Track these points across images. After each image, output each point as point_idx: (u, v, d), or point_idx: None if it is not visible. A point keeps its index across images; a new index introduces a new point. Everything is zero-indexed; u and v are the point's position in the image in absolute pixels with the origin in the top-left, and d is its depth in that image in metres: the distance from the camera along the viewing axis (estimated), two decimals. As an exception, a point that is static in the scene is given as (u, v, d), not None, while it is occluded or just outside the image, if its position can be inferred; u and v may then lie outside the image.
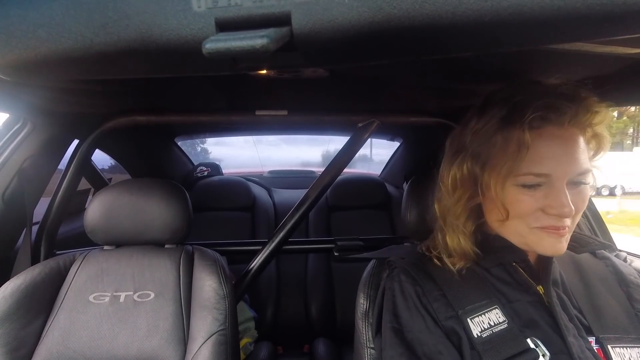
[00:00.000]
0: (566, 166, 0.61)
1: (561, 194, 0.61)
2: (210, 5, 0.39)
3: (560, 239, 0.64)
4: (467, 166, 0.69)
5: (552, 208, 0.61)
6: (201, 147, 4.16)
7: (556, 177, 0.61)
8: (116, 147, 1.92)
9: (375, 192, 2.23)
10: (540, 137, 0.62)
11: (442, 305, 0.68)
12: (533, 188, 0.63)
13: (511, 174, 0.63)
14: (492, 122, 0.66)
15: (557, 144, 0.62)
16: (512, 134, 0.63)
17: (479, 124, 0.68)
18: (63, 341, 0.93)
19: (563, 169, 0.61)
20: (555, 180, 0.62)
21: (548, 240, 0.64)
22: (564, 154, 0.62)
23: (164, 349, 0.93)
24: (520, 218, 0.65)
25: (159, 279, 1.01)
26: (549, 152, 0.61)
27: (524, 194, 0.63)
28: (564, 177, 0.62)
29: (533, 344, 0.62)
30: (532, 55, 0.73)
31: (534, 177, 0.62)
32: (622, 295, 0.71)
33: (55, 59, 0.46)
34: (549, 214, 0.62)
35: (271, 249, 1.33)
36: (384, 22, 0.38)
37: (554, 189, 0.62)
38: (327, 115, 1.32)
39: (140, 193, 1.05)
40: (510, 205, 0.65)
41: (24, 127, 1.13)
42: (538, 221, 0.64)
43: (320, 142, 3.60)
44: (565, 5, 0.35)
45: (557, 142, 0.62)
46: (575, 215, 0.64)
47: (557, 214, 0.61)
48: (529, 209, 0.63)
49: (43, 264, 1.01)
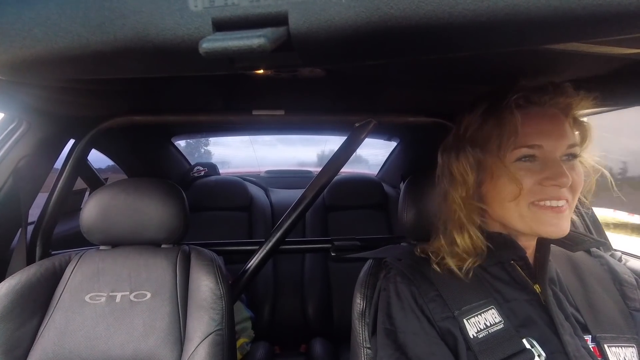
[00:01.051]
0: (556, 139, 0.65)
1: (556, 164, 0.64)
2: (207, 4, 0.39)
3: (560, 217, 0.64)
4: (469, 155, 0.72)
5: (550, 179, 0.64)
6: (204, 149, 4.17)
7: (548, 149, 0.65)
8: (112, 146, 1.92)
9: (372, 192, 2.24)
10: (527, 115, 0.66)
11: (438, 306, 0.68)
12: (529, 161, 0.66)
13: (507, 150, 0.66)
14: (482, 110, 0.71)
15: (544, 121, 0.67)
16: (502, 115, 0.67)
17: (471, 116, 0.73)
18: (59, 341, 0.92)
19: (553, 141, 0.65)
20: (549, 152, 0.65)
21: (549, 219, 0.65)
22: (551, 128, 0.66)
23: (161, 349, 0.93)
24: (522, 196, 0.66)
25: (155, 279, 1.01)
26: (538, 127, 0.66)
27: (522, 169, 0.66)
28: (556, 150, 0.65)
29: (529, 344, 0.63)
30: (528, 56, 0.73)
31: (527, 148, 0.66)
32: (617, 294, 0.72)
33: (51, 58, 0.46)
34: (547, 186, 0.64)
35: (268, 249, 1.33)
36: (380, 22, 0.38)
37: (549, 160, 0.65)
38: (324, 115, 1.32)
39: (136, 193, 1.04)
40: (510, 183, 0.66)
41: (19, 127, 1.12)
42: (537, 195, 0.65)
43: (317, 142, 3.60)
44: (561, 6, 0.35)
45: (544, 118, 0.67)
46: (574, 193, 0.66)
47: (555, 184, 0.63)
48: (529, 183, 0.65)
49: (38, 264, 1.01)
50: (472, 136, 0.72)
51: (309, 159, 3.75)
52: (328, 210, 2.21)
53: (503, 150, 0.67)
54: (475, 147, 0.71)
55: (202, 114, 1.29)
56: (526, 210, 0.66)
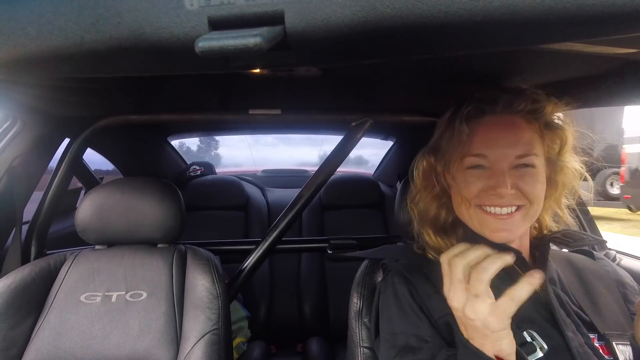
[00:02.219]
0: (501, 148, 0.67)
1: (499, 174, 0.66)
2: (203, 3, 0.39)
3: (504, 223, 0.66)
4: (426, 158, 0.78)
5: (491, 188, 0.66)
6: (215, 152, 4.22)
7: (494, 158, 0.67)
8: (108, 146, 1.91)
9: (369, 191, 2.24)
10: (480, 125, 0.69)
11: (436, 303, 0.69)
12: (477, 170, 0.69)
13: (458, 159, 0.70)
14: (445, 119, 0.75)
15: (494, 130, 0.68)
16: (455, 126, 0.70)
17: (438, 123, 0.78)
18: (53, 341, 0.92)
19: (499, 151, 0.67)
20: (494, 162, 0.67)
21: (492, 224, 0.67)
22: (499, 137, 0.68)
23: (156, 349, 0.93)
24: (470, 200, 0.69)
25: (151, 279, 1.01)
26: (486, 136, 0.68)
27: (471, 176, 0.69)
28: (502, 159, 0.67)
29: (530, 338, 0.63)
30: (524, 56, 0.74)
31: (473, 157, 0.69)
32: (619, 296, 0.72)
33: (45, 57, 0.46)
34: (489, 194, 0.67)
35: (264, 249, 1.33)
36: (377, 21, 0.38)
37: (494, 170, 0.67)
38: (321, 114, 1.32)
39: (132, 192, 1.04)
40: (460, 187, 0.71)
41: (13, 125, 1.11)
42: (482, 200, 0.68)
43: (319, 142, 3.62)
44: (556, 5, 0.35)
45: (494, 127, 0.69)
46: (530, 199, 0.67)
47: (495, 194, 0.66)
48: (474, 189, 0.68)
49: (33, 264, 1.00)
50: (433, 145, 0.77)
51: (304, 159, 3.77)
52: (324, 209, 2.21)
53: (454, 158, 0.71)
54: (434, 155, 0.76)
55: (198, 113, 1.29)
56: (474, 213, 0.69)
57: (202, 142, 4.28)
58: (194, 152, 2.74)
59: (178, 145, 3.24)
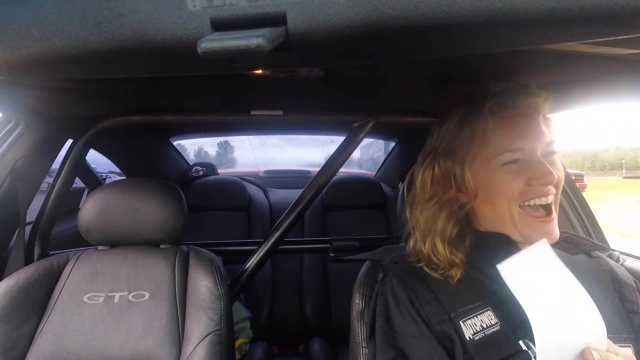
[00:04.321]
0: (535, 139, 0.67)
1: (540, 163, 0.65)
2: (205, 4, 0.39)
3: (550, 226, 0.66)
4: (439, 165, 0.73)
5: (536, 179, 0.65)
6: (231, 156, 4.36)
7: (530, 149, 0.66)
8: (111, 146, 1.91)
9: (371, 192, 2.24)
10: (502, 119, 0.68)
11: (434, 309, 0.69)
12: (514, 165, 0.67)
13: (488, 158, 0.68)
14: (456, 120, 0.72)
15: (518, 122, 0.68)
16: (476, 124, 0.68)
17: (444, 125, 0.74)
18: (57, 342, 0.92)
19: (532, 141, 0.66)
20: (530, 153, 0.66)
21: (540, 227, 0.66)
22: (528, 128, 0.67)
23: (159, 350, 0.93)
24: (513, 199, 0.67)
25: (153, 279, 1.01)
26: (516, 129, 0.67)
27: (509, 173, 0.67)
28: (537, 149, 0.66)
29: (525, 346, 0.63)
30: (526, 56, 0.73)
31: (510, 153, 0.67)
32: (615, 295, 0.72)
33: (49, 58, 0.46)
34: (534, 185, 0.65)
35: (267, 249, 1.33)
36: (379, 22, 0.38)
37: (532, 161, 0.66)
38: (323, 115, 1.32)
39: (135, 193, 1.04)
40: (500, 188, 0.67)
41: (17, 127, 1.12)
42: (526, 195, 0.66)
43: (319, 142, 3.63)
44: (559, 6, 0.35)
45: (519, 120, 0.68)
46: (558, 188, 0.67)
47: (542, 183, 0.65)
48: (517, 187, 0.66)
49: (36, 264, 1.01)
50: (447, 148, 0.72)
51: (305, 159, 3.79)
52: (326, 210, 2.21)
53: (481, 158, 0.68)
54: (449, 159, 0.72)
55: (200, 114, 1.29)
56: (517, 215, 0.67)
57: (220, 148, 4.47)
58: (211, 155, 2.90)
59: (197, 150, 3.30)
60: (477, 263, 0.72)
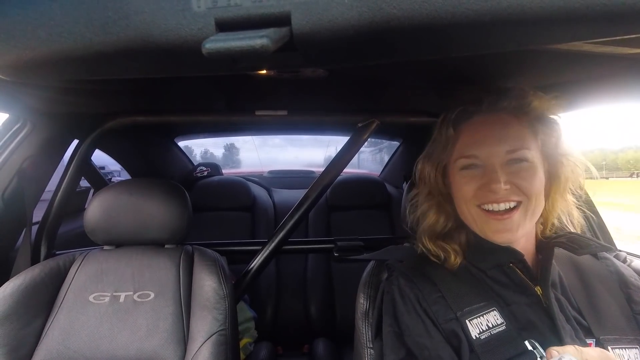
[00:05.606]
0: (490, 146, 0.68)
1: (491, 171, 0.67)
2: (210, 5, 0.39)
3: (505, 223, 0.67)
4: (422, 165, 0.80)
5: (485, 185, 0.68)
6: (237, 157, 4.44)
7: (485, 156, 0.69)
8: (116, 147, 1.93)
9: (375, 192, 2.23)
10: (469, 126, 0.72)
11: (441, 308, 0.69)
12: (470, 170, 0.70)
13: (450, 162, 0.74)
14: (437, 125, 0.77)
15: (482, 129, 0.71)
16: (443, 131, 0.74)
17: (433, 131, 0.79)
18: (63, 341, 0.93)
19: (488, 148, 0.68)
20: (486, 159, 0.69)
21: (494, 225, 0.68)
22: (487, 135, 0.69)
23: (164, 349, 0.93)
24: (469, 200, 0.70)
25: (158, 279, 1.01)
26: (475, 136, 0.71)
27: (465, 177, 0.71)
28: (493, 156, 0.68)
29: (531, 346, 0.62)
30: (531, 56, 0.73)
31: (464, 159, 0.71)
32: (622, 296, 0.71)
33: (55, 59, 0.46)
34: (485, 191, 0.68)
35: (271, 249, 1.33)
36: (383, 22, 0.38)
37: (486, 167, 0.69)
38: (327, 115, 1.32)
39: (140, 193, 1.04)
40: (457, 189, 0.73)
41: (23, 127, 1.13)
42: (480, 199, 0.69)
43: (321, 142, 3.63)
44: (565, 5, 0.35)
45: (482, 127, 0.71)
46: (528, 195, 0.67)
47: (489, 190, 0.67)
48: (470, 190, 0.70)
49: (43, 264, 1.01)
50: (428, 150, 0.79)
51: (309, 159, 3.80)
52: (331, 210, 2.21)
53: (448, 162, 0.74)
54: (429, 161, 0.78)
55: (205, 114, 1.30)
56: (475, 213, 0.70)
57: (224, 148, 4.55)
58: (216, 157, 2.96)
59: (202, 152, 3.32)
60: (481, 265, 0.72)
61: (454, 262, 0.73)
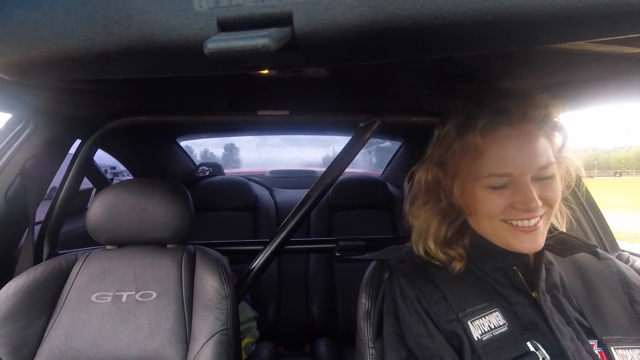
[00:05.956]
0: (525, 163, 0.64)
1: (526, 190, 0.63)
2: (212, 5, 0.39)
3: (533, 235, 0.65)
4: (431, 172, 0.73)
5: (520, 204, 0.64)
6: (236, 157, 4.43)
7: (518, 174, 0.64)
8: (118, 147, 1.93)
9: (377, 192, 2.23)
10: (495, 139, 0.65)
11: (442, 309, 0.68)
12: (500, 188, 0.66)
13: (475, 177, 0.67)
14: (451, 131, 0.70)
15: (512, 144, 0.65)
16: (468, 140, 0.66)
17: (441, 133, 0.73)
18: (65, 340, 0.93)
19: (522, 166, 0.64)
20: (518, 177, 0.64)
21: (522, 237, 0.66)
22: (520, 151, 0.64)
23: (166, 349, 0.93)
24: (494, 217, 0.67)
25: (160, 279, 1.01)
26: (506, 152, 0.65)
27: (493, 194, 0.66)
28: (526, 174, 0.64)
29: (533, 347, 0.62)
30: (534, 56, 0.73)
31: (496, 178, 0.65)
32: (624, 296, 0.71)
33: (57, 59, 0.46)
34: (517, 209, 0.64)
35: (273, 249, 1.33)
36: (385, 22, 0.38)
37: (519, 186, 0.64)
38: (329, 115, 1.32)
39: (142, 193, 1.05)
40: (482, 205, 0.67)
41: (26, 127, 1.13)
42: (508, 215, 0.66)
43: (321, 142, 3.64)
44: (567, 5, 0.35)
45: (512, 141, 0.65)
46: (551, 208, 0.66)
47: (524, 209, 0.64)
48: (499, 207, 0.66)
49: (45, 264, 1.02)
50: (439, 158, 0.72)
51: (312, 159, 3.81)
52: (332, 210, 2.21)
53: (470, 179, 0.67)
54: (440, 170, 0.72)
55: (207, 114, 1.30)
56: (499, 227, 0.67)
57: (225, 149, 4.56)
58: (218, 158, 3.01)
59: (203, 152, 3.33)
60: (483, 266, 0.72)
61: (460, 266, 0.71)
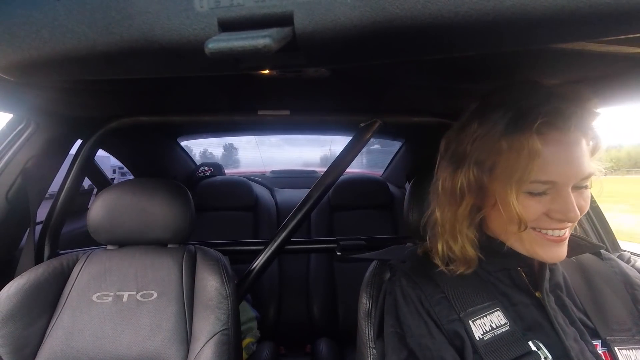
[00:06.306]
0: (571, 172, 0.60)
1: (568, 199, 0.60)
2: (213, 5, 0.39)
3: (561, 245, 0.64)
4: (472, 174, 0.66)
5: (558, 213, 0.60)
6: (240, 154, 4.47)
7: (562, 183, 0.60)
8: (119, 147, 1.93)
9: (378, 192, 2.23)
10: (545, 143, 0.60)
11: (444, 309, 0.68)
12: (539, 195, 0.62)
13: (517, 180, 0.61)
14: (497, 128, 0.63)
15: (562, 150, 0.60)
16: (519, 140, 0.60)
17: (481, 130, 0.65)
18: (66, 340, 0.93)
19: (568, 175, 0.60)
20: (561, 186, 0.60)
21: (549, 247, 0.64)
22: (568, 160, 0.60)
23: (167, 349, 0.93)
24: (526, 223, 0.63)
25: (161, 279, 1.01)
26: (554, 159, 0.60)
27: (531, 200, 0.62)
28: (569, 183, 0.60)
29: (535, 347, 0.62)
30: (535, 55, 0.73)
31: (540, 184, 0.61)
32: (627, 297, 0.71)
33: (59, 59, 0.46)
34: (553, 218, 0.62)
35: (273, 249, 1.33)
36: (386, 21, 0.38)
37: (560, 194, 0.61)
38: (329, 115, 1.32)
39: (143, 193, 1.05)
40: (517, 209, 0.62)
41: (27, 127, 1.13)
42: (541, 224, 0.63)
43: (322, 142, 3.65)
44: (568, 5, 0.35)
45: (562, 148, 0.60)
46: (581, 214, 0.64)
47: (563, 219, 0.61)
48: (534, 215, 0.62)
49: (46, 264, 1.02)
50: (479, 157, 0.66)
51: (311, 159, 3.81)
52: (333, 210, 2.21)
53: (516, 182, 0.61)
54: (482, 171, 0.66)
55: (207, 114, 1.30)
56: (526, 234, 0.64)
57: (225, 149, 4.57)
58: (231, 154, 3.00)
59: (202, 151, 3.34)
60: (487, 266, 0.71)
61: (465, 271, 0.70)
